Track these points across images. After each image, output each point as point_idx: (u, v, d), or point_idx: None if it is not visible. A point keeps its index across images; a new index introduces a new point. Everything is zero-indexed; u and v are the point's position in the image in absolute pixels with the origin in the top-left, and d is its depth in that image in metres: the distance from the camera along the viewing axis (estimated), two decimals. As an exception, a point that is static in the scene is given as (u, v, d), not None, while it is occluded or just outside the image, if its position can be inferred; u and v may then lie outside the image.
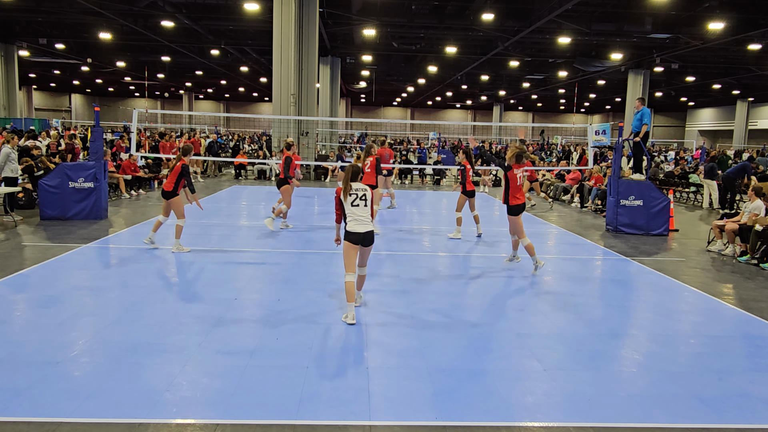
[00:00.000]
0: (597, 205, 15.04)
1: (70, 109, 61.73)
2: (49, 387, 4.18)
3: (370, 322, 5.82)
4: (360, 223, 5.78)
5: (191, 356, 4.80)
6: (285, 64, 19.61)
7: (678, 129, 60.25)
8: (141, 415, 3.82)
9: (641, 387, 4.55)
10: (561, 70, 35.93)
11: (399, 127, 55.84)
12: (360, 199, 5.85)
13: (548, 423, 3.94)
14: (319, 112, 31.11)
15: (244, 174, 21.98)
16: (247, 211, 14.03)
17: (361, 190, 5.89)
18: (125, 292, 6.59)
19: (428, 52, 31.57)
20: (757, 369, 5.01)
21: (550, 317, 6.23)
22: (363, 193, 5.87)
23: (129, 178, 15.17)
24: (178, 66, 40.15)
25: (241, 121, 61.96)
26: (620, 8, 22.25)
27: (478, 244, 10.36)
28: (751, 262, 9.24)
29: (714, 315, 6.64)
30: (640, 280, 8.20)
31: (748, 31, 21.83)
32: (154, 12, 23.26)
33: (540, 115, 70.55)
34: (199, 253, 8.73)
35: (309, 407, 4.01)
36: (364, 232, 5.78)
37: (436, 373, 4.63)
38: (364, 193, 5.88)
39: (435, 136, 34.75)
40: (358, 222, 5.78)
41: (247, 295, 6.66)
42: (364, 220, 5.81)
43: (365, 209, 5.85)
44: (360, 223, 5.78)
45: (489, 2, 21.70)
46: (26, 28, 28.91)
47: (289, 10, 19.15)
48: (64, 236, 9.57)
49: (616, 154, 12.10)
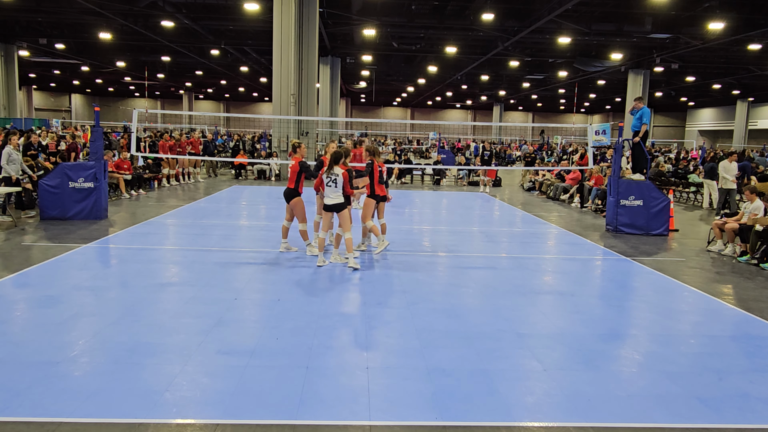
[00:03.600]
0: (597, 205, 15.04)
1: (70, 109, 61.75)
2: (49, 387, 4.18)
3: (370, 322, 5.83)
4: (329, 198, 7.85)
5: (191, 356, 4.80)
6: (285, 64, 19.61)
7: (678, 129, 60.26)
8: (141, 415, 3.82)
9: (641, 387, 4.55)
10: (561, 70, 35.95)
11: (399, 127, 55.85)
12: (332, 181, 7.79)
13: (548, 423, 3.94)
14: (319, 112, 31.13)
15: (243, 174, 21.98)
16: (247, 212, 14.03)
17: (335, 174, 7.80)
18: (125, 292, 6.59)
19: (428, 52, 31.59)
20: (757, 369, 5.00)
21: (550, 317, 6.23)
22: (335, 177, 7.81)
23: (129, 178, 15.17)
24: (178, 66, 40.17)
25: (241, 121, 61.95)
26: (620, 8, 22.26)
27: (478, 244, 10.36)
28: (751, 262, 9.24)
29: (714, 315, 6.64)
30: (640, 280, 8.20)
31: (748, 31, 21.84)
32: (154, 12, 23.28)
33: (540, 115, 70.58)
34: (199, 253, 8.73)
35: (309, 407, 4.01)
36: (332, 204, 7.89)
37: (436, 373, 4.63)
38: (336, 177, 7.80)
39: (435, 136, 34.75)
40: (329, 197, 7.88)
41: (247, 295, 6.65)
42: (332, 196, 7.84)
43: (336, 189, 7.82)
44: (329, 198, 7.85)
45: (489, 2, 21.71)
46: (26, 28, 28.92)
47: (289, 10, 19.16)
48: (64, 236, 9.57)
49: (616, 154, 12.10)
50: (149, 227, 10.80)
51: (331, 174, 7.81)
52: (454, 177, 23.77)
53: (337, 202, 7.85)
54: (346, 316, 6.03)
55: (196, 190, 17.16)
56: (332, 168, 7.83)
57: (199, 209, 13.41)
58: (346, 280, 7.47)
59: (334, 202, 7.86)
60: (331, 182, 7.82)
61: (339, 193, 7.84)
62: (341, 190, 7.86)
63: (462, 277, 7.81)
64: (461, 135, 59.37)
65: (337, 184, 7.81)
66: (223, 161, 23.84)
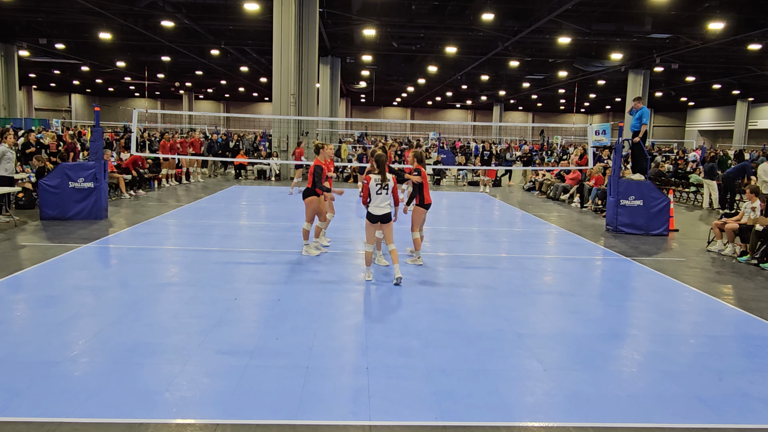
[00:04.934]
0: (597, 205, 15.04)
1: (70, 109, 61.75)
2: (49, 387, 4.18)
3: (370, 322, 5.83)
4: (379, 208, 7.19)
5: (191, 356, 4.80)
6: (285, 64, 19.61)
7: (678, 129, 60.27)
8: (141, 415, 3.82)
9: (641, 387, 4.55)
10: (561, 70, 35.95)
11: (399, 127, 55.86)
12: (384, 188, 7.18)
13: (548, 423, 3.94)
14: (319, 112, 31.12)
15: (244, 174, 21.98)
16: (247, 211, 14.02)
17: (388, 181, 7.20)
18: (125, 292, 6.59)
19: (428, 52, 31.59)
20: (757, 369, 5.00)
21: (550, 317, 6.23)
22: (387, 184, 7.20)
23: (129, 178, 15.18)
24: (178, 66, 40.17)
25: (241, 121, 61.98)
26: (620, 8, 22.26)
27: (478, 244, 10.36)
28: (751, 262, 9.24)
29: (714, 315, 6.64)
30: (640, 280, 8.20)
31: (748, 31, 21.84)
32: (154, 12, 23.27)
33: (540, 115, 70.59)
34: (199, 253, 8.73)
35: (309, 407, 4.01)
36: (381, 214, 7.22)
37: (436, 373, 4.63)
38: (388, 184, 7.20)
39: (435, 136, 34.74)
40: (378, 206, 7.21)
41: (247, 295, 6.65)
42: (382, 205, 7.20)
43: (388, 197, 7.21)
44: (379, 208, 7.19)
45: (489, 2, 21.71)
46: (26, 28, 28.92)
47: (289, 10, 19.16)
48: (64, 236, 9.57)
49: (616, 154, 12.10)
50: (149, 227, 10.80)
51: (382, 181, 7.16)
52: (454, 177, 23.77)
53: (387, 211, 7.22)
54: (347, 316, 6.03)
55: (196, 190, 17.16)
56: (384, 174, 7.18)
57: (199, 209, 13.41)
58: (346, 280, 7.47)
59: (383, 212, 7.20)
60: (382, 189, 7.18)
61: (389, 201, 7.26)
62: (391, 197, 7.32)
63: (462, 277, 7.81)
64: (461, 135, 59.37)
65: (389, 191, 7.23)
66: (223, 161, 23.84)
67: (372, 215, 7.20)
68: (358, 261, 8.44)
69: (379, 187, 7.12)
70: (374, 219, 7.22)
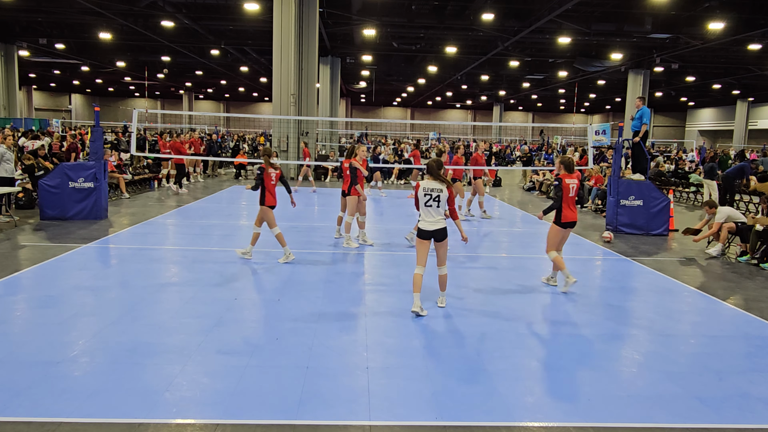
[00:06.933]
0: (597, 205, 15.04)
1: (70, 109, 61.75)
2: (49, 387, 4.18)
3: (370, 322, 5.83)
4: (428, 222, 5.91)
5: (191, 356, 4.80)
6: (285, 64, 19.61)
7: (678, 129, 60.28)
8: (141, 415, 3.82)
9: (641, 387, 4.55)
10: (561, 70, 35.94)
11: (399, 127, 55.86)
12: (433, 200, 5.89)
13: (548, 423, 3.94)
14: (319, 112, 31.11)
15: (244, 174, 21.98)
16: (247, 211, 14.01)
17: (436, 190, 5.89)
18: (125, 292, 6.59)
19: (428, 52, 31.58)
20: (757, 369, 5.01)
21: (550, 317, 6.22)
22: (438, 194, 5.89)
23: (129, 178, 15.17)
24: (178, 66, 40.17)
25: (241, 121, 61.98)
26: (620, 8, 22.27)
27: (478, 244, 10.36)
28: (751, 262, 9.24)
29: (714, 315, 6.64)
30: (639, 280, 8.20)
31: (748, 31, 21.84)
32: (154, 12, 23.27)
33: (540, 115, 70.60)
34: (199, 253, 8.73)
35: (309, 407, 4.01)
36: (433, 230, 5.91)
37: (436, 373, 4.63)
38: (438, 194, 5.89)
39: (435, 136, 34.74)
40: (426, 220, 5.94)
41: (247, 295, 6.65)
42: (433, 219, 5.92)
43: (439, 209, 5.92)
44: (428, 222, 5.91)
45: (489, 2, 21.71)
46: (26, 28, 28.93)
47: (289, 10, 19.16)
48: (64, 236, 9.56)
49: (616, 154, 12.10)
50: (149, 227, 10.80)
51: (431, 190, 5.88)
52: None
53: (439, 227, 5.89)
54: (347, 316, 6.03)
55: (196, 190, 17.15)
56: (434, 181, 5.90)
57: (199, 209, 13.42)
58: (346, 280, 7.47)
59: (435, 228, 5.88)
60: (432, 200, 5.88)
61: (442, 215, 5.95)
62: (444, 210, 5.97)
63: (462, 277, 7.81)
64: (461, 135, 59.38)
65: (440, 203, 5.91)
66: (222, 161, 23.81)
67: (423, 231, 5.93)
68: (359, 261, 8.45)
69: (429, 198, 5.86)
70: (426, 235, 5.91)
